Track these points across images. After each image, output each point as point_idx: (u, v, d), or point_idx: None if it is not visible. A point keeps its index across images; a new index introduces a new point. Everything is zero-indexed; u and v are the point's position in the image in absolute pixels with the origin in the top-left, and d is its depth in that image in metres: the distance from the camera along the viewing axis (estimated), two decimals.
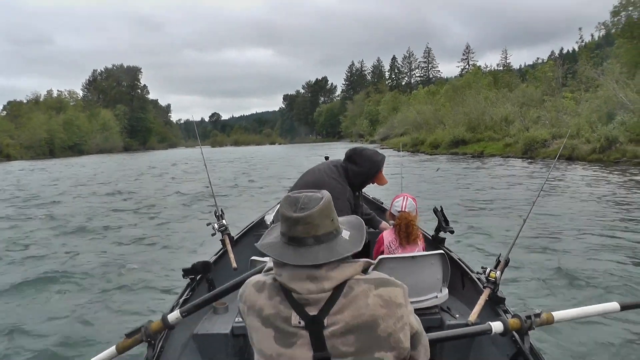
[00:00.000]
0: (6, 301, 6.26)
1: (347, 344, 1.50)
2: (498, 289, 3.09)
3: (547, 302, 5.49)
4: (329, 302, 1.52)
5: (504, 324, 2.35)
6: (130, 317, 5.51)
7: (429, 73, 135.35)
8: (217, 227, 4.23)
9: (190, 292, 3.52)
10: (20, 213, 14.05)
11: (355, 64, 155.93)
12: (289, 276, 1.54)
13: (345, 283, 1.54)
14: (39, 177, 30.09)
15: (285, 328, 1.52)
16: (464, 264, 3.88)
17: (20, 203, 16.57)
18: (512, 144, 32.13)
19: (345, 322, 1.50)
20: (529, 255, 7.38)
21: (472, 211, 11.79)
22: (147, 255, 8.45)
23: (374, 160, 3.61)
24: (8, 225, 11.93)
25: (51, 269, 7.68)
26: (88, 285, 6.83)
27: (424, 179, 20.37)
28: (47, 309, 5.98)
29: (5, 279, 7.15)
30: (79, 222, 12.22)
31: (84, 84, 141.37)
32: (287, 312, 1.53)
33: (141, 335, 2.33)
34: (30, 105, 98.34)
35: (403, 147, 51.40)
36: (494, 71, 67.04)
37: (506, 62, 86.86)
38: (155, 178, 26.83)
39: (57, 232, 11.02)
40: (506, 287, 5.32)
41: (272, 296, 1.57)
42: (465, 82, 57.49)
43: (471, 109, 42.60)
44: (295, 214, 1.53)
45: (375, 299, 1.53)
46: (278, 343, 1.53)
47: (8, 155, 70.37)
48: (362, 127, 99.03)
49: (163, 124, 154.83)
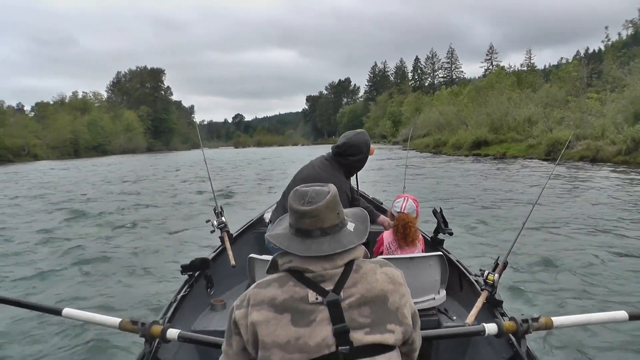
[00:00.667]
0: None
1: (364, 315, 1.59)
2: (496, 292, 3.07)
3: (546, 306, 5.41)
4: (343, 277, 1.62)
5: (498, 325, 2.35)
6: (129, 305, 5.73)
7: (452, 74, 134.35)
8: (216, 224, 4.24)
9: (188, 289, 3.53)
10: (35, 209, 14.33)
11: (378, 65, 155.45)
12: (301, 260, 1.63)
13: (354, 262, 1.66)
14: (67, 175, 30.51)
15: (303, 307, 1.58)
16: (463, 266, 3.88)
17: (30, 200, 16.86)
18: (535, 145, 31.68)
19: (360, 295, 1.60)
20: (530, 258, 7.29)
21: (482, 212, 11.71)
22: (148, 249, 8.70)
23: (364, 140, 3.70)
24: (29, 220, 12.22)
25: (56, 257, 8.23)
26: (87, 273, 7.21)
27: (438, 179, 20.26)
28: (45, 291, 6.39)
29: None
30: (93, 215, 12.72)
31: (108, 86, 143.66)
32: (302, 292, 1.59)
33: (138, 329, 2.39)
34: (56, 106, 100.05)
35: (425, 148, 51.19)
36: (518, 71, 66.20)
37: (530, 62, 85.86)
38: (174, 177, 27.06)
39: (69, 223, 11.56)
40: (504, 290, 5.32)
41: (283, 284, 1.63)
42: (488, 82, 56.99)
43: (494, 110, 42.12)
44: (303, 207, 1.64)
45: (382, 275, 1.67)
46: (296, 325, 1.56)
47: (35, 155, 71.72)
48: (384, 128, 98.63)
49: (186, 125, 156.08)
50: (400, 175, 21.15)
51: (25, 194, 19.97)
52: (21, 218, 13.05)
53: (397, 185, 12.84)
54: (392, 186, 17.27)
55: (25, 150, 71.12)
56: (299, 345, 1.55)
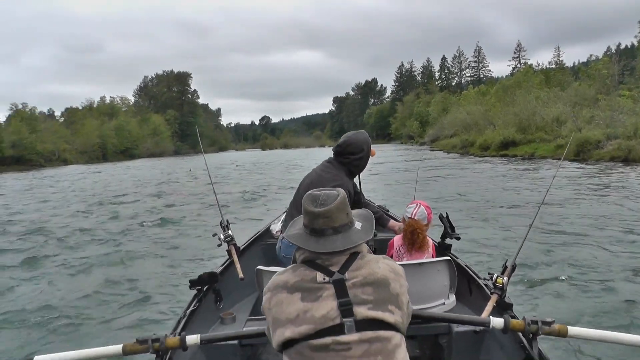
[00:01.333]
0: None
1: (366, 293, 1.77)
2: (505, 295, 3.08)
3: (557, 309, 5.37)
4: (348, 262, 1.84)
5: (505, 321, 2.37)
6: (136, 324, 5.65)
7: (479, 73, 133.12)
8: (222, 238, 4.21)
9: (197, 303, 3.54)
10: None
11: (404, 65, 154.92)
12: (314, 253, 1.86)
13: (359, 252, 1.88)
14: (95, 178, 30.98)
15: (311, 286, 1.79)
16: (471, 270, 3.92)
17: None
18: (564, 145, 30.93)
19: (363, 277, 1.80)
20: (540, 260, 7.21)
21: (504, 213, 11.47)
22: (155, 265, 8.56)
23: (364, 138, 3.78)
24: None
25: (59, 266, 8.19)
26: (92, 287, 7.04)
27: (462, 182, 19.96)
28: (52, 305, 6.24)
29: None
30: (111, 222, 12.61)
31: (135, 90, 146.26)
32: (312, 274, 1.82)
33: (149, 347, 2.33)
34: (84, 111, 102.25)
35: (452, 148, 50.73)
36: (546, 69, 65.23)
37: (559, 59, 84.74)
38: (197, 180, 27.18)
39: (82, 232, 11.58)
40: (514, 294, 5.21)
41: (296, 269, 1.87)
42: (515, 81, 56.25)
43: (521, 109, 41.54)
44: (317, 209, 1.86)
45: (384, 265, 1.87)
46: (304, 300, 1.77)
47: (65, 159, 73.52)
48: (411, 128, 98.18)
49: (213, 128, 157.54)
50: (425, 179, 20.99)
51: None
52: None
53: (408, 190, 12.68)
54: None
55: (56, 155, 72.90)
56: (306, 317, 1.74)
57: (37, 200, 20.42)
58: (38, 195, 23.21)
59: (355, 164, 3.77)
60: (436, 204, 13.49)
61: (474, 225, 10.40)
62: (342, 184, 3.60)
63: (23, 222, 13.93)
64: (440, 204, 13.16)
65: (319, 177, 3.72)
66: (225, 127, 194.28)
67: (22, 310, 6.11)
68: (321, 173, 3.77)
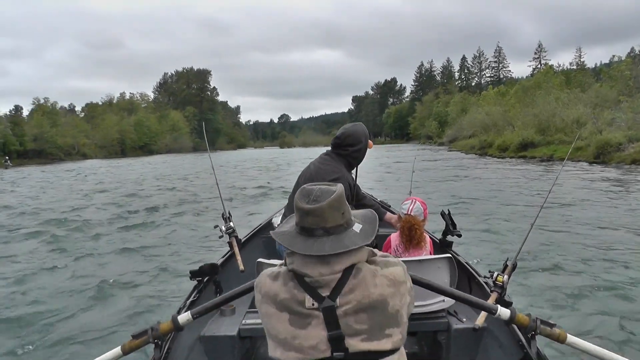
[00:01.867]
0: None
1: (360, 321, 1.59)
2: (505, 293, 3.06)
3: (554, 311, 5.35)
4: (340, 283, 1.61)
5: (511, 312, 2.29)
6: (136, 318, 5.57)
7: (499, 73, 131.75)
8: (224, 230, 4.22)
9: (197, 294, 3.56)
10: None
11: (424, 65, 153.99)
12: (301, 262, 1.64)
13: (354, 266, 1.63)
14: (117, 172, 31.30)
15: (300, 310, 1.61)
16: (472, 268, 3.91)
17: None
18: (584, 147, 30.48)
19: (357, 301, 1.59)
20: (541, 260, 7.11)
21: (517, 214, 11.25)
22: (156, 256, 8.53)
23: (362, 130, 3.79)
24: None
25: (57, 265, 8.02)
26: (92, 284, 6.88)
27: (474, 182, 19.74)
28: (51, 307, 6.04)
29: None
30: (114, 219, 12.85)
31: (154, 87, 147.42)
32: (301, 295, 1.61)
33: (148, 337, 2.30)
34: (104, 106, 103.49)
35: (470, 149, 50.38)
36: (567, 70, 64.48)
37: (580, 60, 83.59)
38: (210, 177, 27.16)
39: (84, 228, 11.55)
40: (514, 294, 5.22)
41: (286, 282, 1.65)
42: (535, 82, 55.64)
43: (541, 110, 41.06)
44: (307, 206, 1.63)
45: (382, 279, 1.63)
46: (293, 325, 1.61)
47: (84, 154, 74.61)
48: (430, 128, 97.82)
49: (232, 125, 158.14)
50: (448, 178, 20.86)
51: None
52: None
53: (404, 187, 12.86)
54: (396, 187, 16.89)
55: (75, 149, 73.97)
56: (294, 344, 1.60)
57: (37, 193, 20.63)
58: (45, 186, 23.46)
59: (354, 155, 3.75)
60: (445, 200, 13.56)
61: (479, 223, 10.41)
62: (342, 176, 3.59)
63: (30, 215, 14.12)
64: (448, 201, 13.24)
65: (317, 170, 3.70)
66: (244, 125, 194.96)
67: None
68: (320, 165, 3.73)
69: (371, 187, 14.61)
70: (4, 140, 61.15)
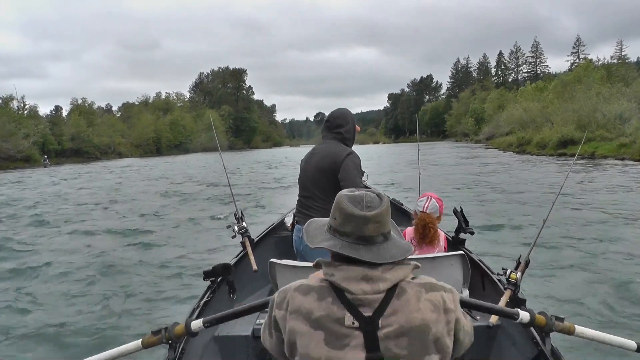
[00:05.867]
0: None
1: (400, 346, 1.50)
2: (519, 291, 3.04)
3: (567, 307, 5.35)
4: (383, 304, 1.51)
5: (530, 315, 2.21)
6: (153, 315, 5.77)
7: (536, 68, 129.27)
8: (237, 230, 4.27)
9: (210, 294, 3.60)
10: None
11: (460, 61, 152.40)
12: (343, 277, 1.53)
13: (397, 285, 1.54)
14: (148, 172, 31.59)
15: (337, 329, 1.51)
16: (485, 265, 3.91)
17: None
18: (629, 144, 29.16)
19: (399, 325, 1.50)
20: (555, 256, 7.12)
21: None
22: (173, 255, 8.67)
23: (347, 111, 3.87)
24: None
25: (76, 262, 8.30)
26: (110, 281, 7.19)
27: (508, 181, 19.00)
28: (72, 301, 6.36)
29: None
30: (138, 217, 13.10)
31: (190, 86, 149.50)
32: (340, 313, 1.51)
33: (162, 337, 2.28)
34: (140, 106, 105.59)
35: (508, 146, 49.29)
36: (608, 64, 62.56)
37: (621, 54, 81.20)
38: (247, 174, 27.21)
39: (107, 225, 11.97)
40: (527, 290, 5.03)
41: (322, 297, 1.54)
42: (574, 77, 54.16)
43: (581, 106, 39.79)
44: (368, 213, 1.54)
45: (426, 303, 1.54)
46: (329, 345, 1.50)
47: (120, 153, 76.25)
48: (467, 125, 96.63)
49: (268, 124, 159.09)
50: (481, 174, 20.18)
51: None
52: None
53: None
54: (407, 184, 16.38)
55: (111, 148, 75.63)
56: None
57: (51, 194, 20.74)
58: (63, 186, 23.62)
59: (347, 136, 3.78)
60: (470, 197, 13.47)
61: (496, 221, 10.47)
62: (352, 152, 3.61)
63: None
64: (474, 199, 13.38)
65: (328, 152, 3.65)
66: (279, 123, 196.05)
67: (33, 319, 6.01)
68: (329, 148, 3.68)
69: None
70: (43, 139, 62.58)
